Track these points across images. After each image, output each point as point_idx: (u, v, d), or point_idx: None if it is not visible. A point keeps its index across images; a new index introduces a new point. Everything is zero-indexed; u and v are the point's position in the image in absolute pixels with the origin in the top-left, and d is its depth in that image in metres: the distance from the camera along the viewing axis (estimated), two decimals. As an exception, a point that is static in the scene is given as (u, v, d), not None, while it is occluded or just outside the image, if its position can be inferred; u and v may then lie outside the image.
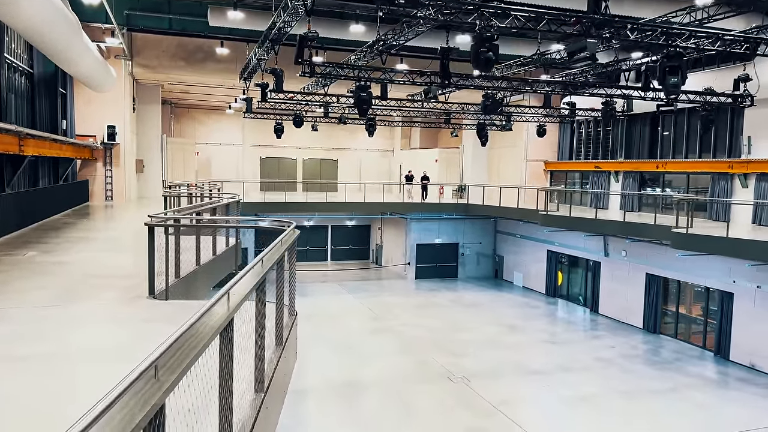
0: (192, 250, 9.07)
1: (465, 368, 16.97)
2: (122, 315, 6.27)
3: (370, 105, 12.65)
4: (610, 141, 26.59)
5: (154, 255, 6.99)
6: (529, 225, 27.88)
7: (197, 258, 9.30)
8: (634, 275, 22.48)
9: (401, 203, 28.93)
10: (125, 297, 6.93)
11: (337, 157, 40.06)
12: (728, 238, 15.49)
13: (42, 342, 5.28)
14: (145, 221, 6.92)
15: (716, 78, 18.84)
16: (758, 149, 19.07)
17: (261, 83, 16.67)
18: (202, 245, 9.46)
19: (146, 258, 10.15)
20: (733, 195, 19.71)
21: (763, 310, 17.26)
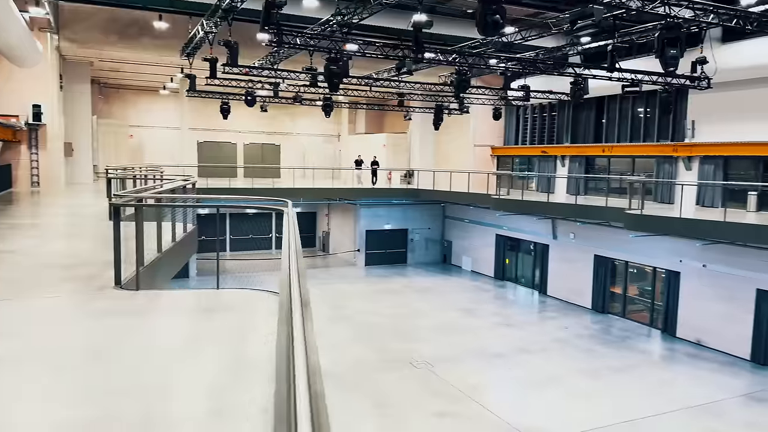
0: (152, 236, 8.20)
1: (426, 354, 16.72)
2: (91, 308, 5.41)
3: (341, 79, 11.96)
4: (556, 126, 27.03)
5: (120, 240, 6.13)
6: (478, 210, 28.03)
7: (159, 245, 8.43)
8: (582, 257, 22.98)
9: (351, 189, 28.35)
10: (88, 288, 6.03)
11: (279, 142, 38.80)
12: (681, 218, 15.97)
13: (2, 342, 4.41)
14: (112, 201, 6.04)
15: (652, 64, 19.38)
16: (701, 133, 19.80)
17: (210, 58, 15.54)
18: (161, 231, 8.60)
19: (100, 244, 9.15)
20: (678, 177, 20.41)
21: (709, 288, 17.99)
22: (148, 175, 15.52)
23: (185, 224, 10.92)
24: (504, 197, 23.02)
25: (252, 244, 33.63)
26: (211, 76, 16.08)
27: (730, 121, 18.70)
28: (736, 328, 17.03)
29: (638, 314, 21.14)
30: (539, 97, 21.80)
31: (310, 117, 39.26)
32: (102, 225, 11.26)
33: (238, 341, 4.70)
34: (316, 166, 32.45)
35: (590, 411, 13.32)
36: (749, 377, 15.80)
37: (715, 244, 17.16)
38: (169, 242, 9.27)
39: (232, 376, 3.93)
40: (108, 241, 8.98)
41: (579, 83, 15.32)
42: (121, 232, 6.08)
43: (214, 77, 16.20)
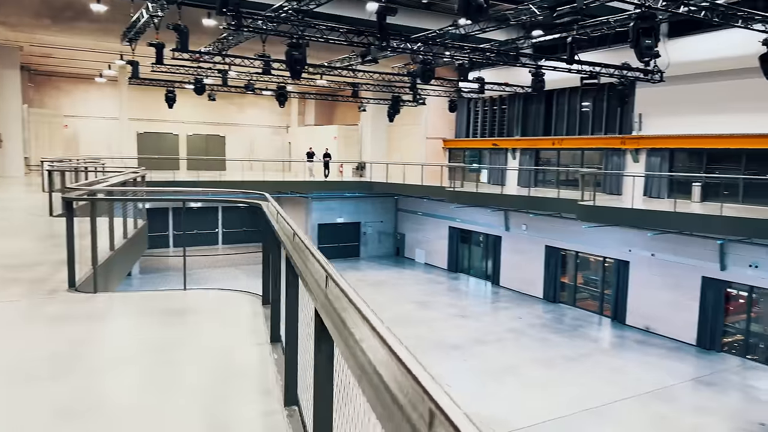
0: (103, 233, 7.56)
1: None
2: (44, 314, 4.83)
3: (303, 65, 11.42)
4: (507, 119, 27.32)
5: (74, 237, 5.53)
6: (432, 202, 28.05)
7: (111, 242, 7.80)
8: (534, 248, 23.34)
9: (303, 182, 27.71)
10: (38, 291, 5.41)
11: (224, 133, 37.57)
12: (633, 209, 16.39)
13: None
14: (65, 195, 5.44)
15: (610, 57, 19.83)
16: (648, 126, 20.41)
17: (156, 43, 14.63)
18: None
19: (42, 242, 8.39)
20: (625, 169, 20.97)
21: (657, 276, 18.60)
22: (89, 167, 14.51)
23: (135, 219, 10.23)
24: (459, 189, 23.06)
25: (198, 240, 32.49)
26: (157, 63, 15.16)
27: (676, 114, 19.33)
28: (683, 315, 17.69)
29: (589, 303, 21.68)
30: (495, 89, 21.86)
31: (257, 107, 38.26)
32: (40, 221, 10.42)
33: (220, 347, 4.27)
34: (265, 158, 31.65)
35: (547, 400, 13.47)
36: (696, 362, 16.44)
37: (663, 234, 17.74)
38: (121, 239, 8.63)
39: (219, 388, 3.52)
40: (51, 239, 8.26)
41: (540, 74, 15.39)
42: (74, 227, 5.48)
43: (160, 63, 15.29)
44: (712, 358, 16.71)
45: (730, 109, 17.61)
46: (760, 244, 15.61)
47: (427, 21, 20.50)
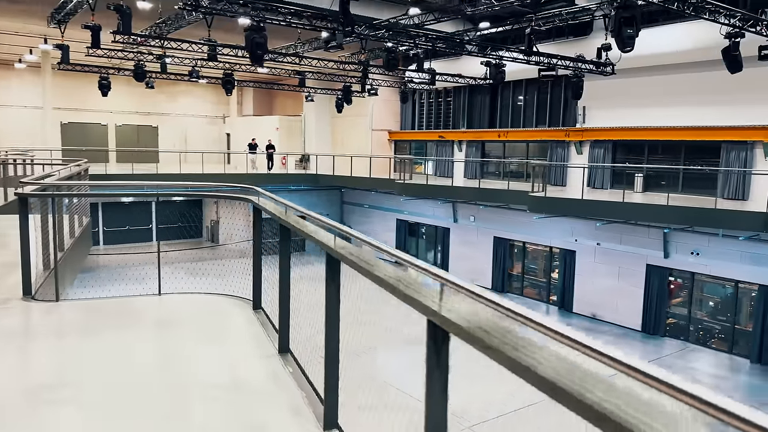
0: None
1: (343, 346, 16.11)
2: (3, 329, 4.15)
3: (266, 50, 10.71)
4: (452, 111, 27.42)
5: (29, 238, 4.83)
6: (379, 195, 27.78)
7: (60, 242, 7.00)
8: (482, 239, 23.57)
9: (245, 174, 26.66)
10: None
11: (157, 123, 35.72)
12: (583, 200, 16.76)
13: None
14: (17, 191, 4.72)
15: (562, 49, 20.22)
16: (592, 118, 20.96)
17: (92, 25, 13.41)
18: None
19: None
20: (569, 161, 21.50)
21: (603, 264, 19.18)
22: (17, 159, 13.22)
23: (81, 216, 9.34)
24: (410, 182, 22.90)
25: (129, 237, 30.83)
26: (93, 47, 13.92)
27: (618, 107, 19.93)
28: (628, 302, 18.33)
29: (536, 292, 22.14)
30: (448, 80, 21.67)
31: (191, 96, 36.57)
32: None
33: (223, 362, 3.78)
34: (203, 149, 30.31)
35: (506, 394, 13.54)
36: (642, 347, 17.07)
37: (609, 224, 18.28)
38: (68, 239, 7.80)
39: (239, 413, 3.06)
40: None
41: (501, 66, 15.37)
42: (28, 228, 4.77)
43: (97, 47, 14.06)
44: (657, 342, 17.42)
45: (670, 103, 18.32)
46: (701, 233, 16.36)
47: (376, 11, 20.15)
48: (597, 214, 17.38)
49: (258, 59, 10.51)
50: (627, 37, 8.05)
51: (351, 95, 21.33)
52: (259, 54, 10.31)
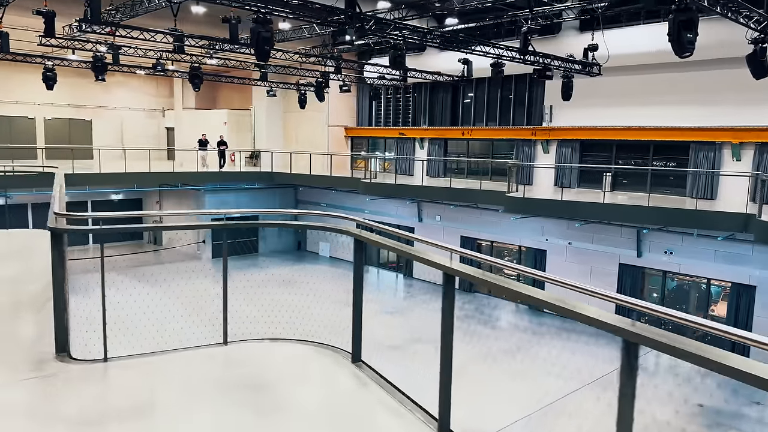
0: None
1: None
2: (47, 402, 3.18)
3: (272, 46, 9.59)
4: (412, 108, 26.94)
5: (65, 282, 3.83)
6: (337, 193, 26.93)
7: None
8: (448, 239, 23.24)
9: (195, 173, 25.07)
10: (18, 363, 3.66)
11: (90, 117, 33.07)
12: (563, 201, 16.71)
13: None
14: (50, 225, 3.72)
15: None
16: (558, 117, 21.06)
17: (46, 11, 11.74)
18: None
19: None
20: (536, 160, 21.54)
21: (574, 264, 19.30)
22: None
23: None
24: (376, 181, 22.21)
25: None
26: (47, 35, 12.22)
27: (586, 107, 20.07)
28: (600, 301, 18.49)
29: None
30: (417, 77, 20.99)
31: (127, 88, 34.10)
32: None
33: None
34: (145, 146, 28.35)
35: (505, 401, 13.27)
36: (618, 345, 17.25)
37: (583, 224, 18.39)
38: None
39: None
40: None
41: (501, 65, 14.93)
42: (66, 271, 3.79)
43: (51, 36, 12.36)
44: (631, 340, 17.70)
45: (639, 103, 18.61)
46: (676, 232, 16.70)
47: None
48: (575, 215, 17.41)
49: (264, 55, 9.43)
50: (687, 42, 7.74)
51: (323, 91, 20.29)
52: (265, 50, 9.23)
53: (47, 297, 4.14)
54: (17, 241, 9.35)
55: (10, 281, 6.54)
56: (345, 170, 26.55)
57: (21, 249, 8.62)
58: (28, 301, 5.69)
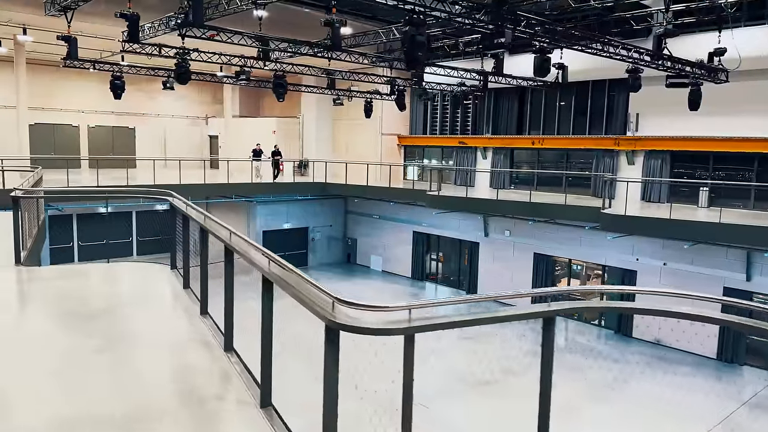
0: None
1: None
2: None
3: (426, 51, 8.28)
4: (472, 115, 25.57)
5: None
6: (390, 205, 25.65)
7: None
8: (520, 256, 21.75)
9: (249, 184, 23.92)
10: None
11: (134, 125, 32.25)
12: (671, 219, 15.21)
13: None
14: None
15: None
16: (645, 126, 19.51)
17: (129, 13, 10.62)
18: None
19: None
20: (619, 172, 19.98)
21: (669, 286, 17.69)
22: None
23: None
24: (443, 194, 20.84)
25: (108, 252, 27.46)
26: (131, 40, 11.09)
27: (677, 114, 18.46)
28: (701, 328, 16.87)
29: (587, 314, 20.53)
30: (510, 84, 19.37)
31: (170, 95, 33.07)
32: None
33: None
34: (175, 155, 27.26)
35: None
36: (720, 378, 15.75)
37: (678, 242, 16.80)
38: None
39: None
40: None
41: (637, 71, 13.30)
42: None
43: (135, 41, 11.23)
44: (735, 372, 16.13)
45: (742, 112, 17.00)
46: None
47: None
48: (684, 235, 15.81)
49: (417, 62, 8.19)
50: None
51: (404, 99, 18.92)
52: (418, 56, 7.92)
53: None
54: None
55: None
56: (397, 181, 25.21)
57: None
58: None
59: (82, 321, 5.39)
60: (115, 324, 5.62)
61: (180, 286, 7.06)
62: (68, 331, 5.14)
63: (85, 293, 6.46)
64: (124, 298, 6.59)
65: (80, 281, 7.02)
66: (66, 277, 7.04)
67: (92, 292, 6.56)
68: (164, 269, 8.00)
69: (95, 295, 6.48)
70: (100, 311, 5.72)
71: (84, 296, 6.34)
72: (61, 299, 6.05)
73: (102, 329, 5.28)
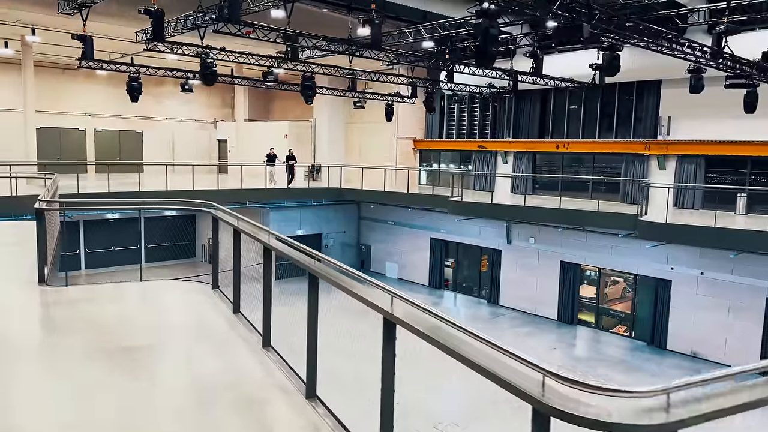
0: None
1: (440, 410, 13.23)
2: None
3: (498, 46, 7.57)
4: (491, 119, 24.84)
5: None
6: (405, 210, 24.89)
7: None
8: (545, 264, 21.00)
9: (263, 189, 23.17)
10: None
11: (141, 129, 31.54)
12: (715, 228, 14.47)
13: None
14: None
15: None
16: (677, 130, 18.81)
17: (153, 9, 9.86)
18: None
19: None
20: (650, 177, 19.25)
21: (707, 297, 16.96)
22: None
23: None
24: (468, 201, 20.10)
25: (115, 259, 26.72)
26: (155, 39, 10.34)
27: (711, 117, 17.81)
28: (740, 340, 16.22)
29: (615, 324, 19.80)
30: (546, 84, 18.51)
31: (179, 98, 32.36)
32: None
33: None
34: (183, 160, 26.51)
35: None
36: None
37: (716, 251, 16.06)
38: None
39: None
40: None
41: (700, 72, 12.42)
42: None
43: (159, 39, 10.48)
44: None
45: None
46: None
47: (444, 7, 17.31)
48: (730, 244, 15.04)
49: (490, 58, 7.47)
50: None
51: (433, 100, 18.16)
52: (492, 51, 7.19)
53: None
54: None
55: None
56: (412, 186, 24.39)
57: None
58: None
59: (124, 358, 4.65)
60: (164, 360, 4.88)
61: (228, 310, 6.35)
62: (111, 372, 4.38)
63: (122, 322, 5.71)
64: (168, 328, 5.83)
65: (114, 306, 6.27)
66: (97, 301, 6.29)
67: (131, 321, 5.80)
68: (204, 289, 7.28)
69: (135, 324, 5.72)
70: (143, 346, 4.98)
71: (122, 326, 5.59)
72: (97, 330, 5.31)
73: (148, 368, 4.54)
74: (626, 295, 19.69)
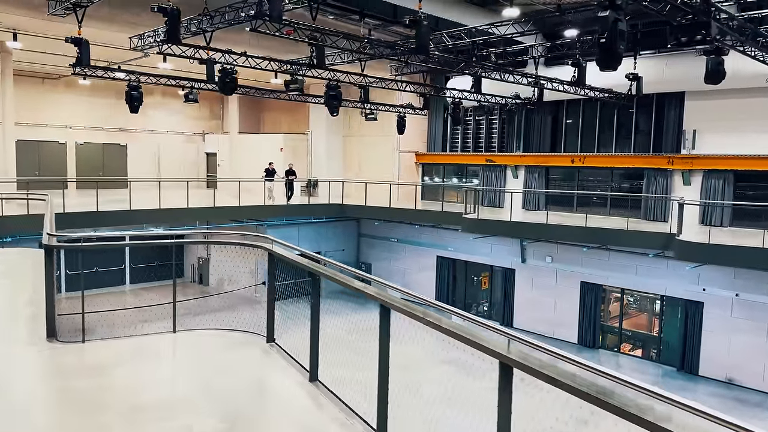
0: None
1: None
2: None
3: (624, 41, 6.34)
4: (498, 132, 23.92)
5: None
6: (409, 228, 23.75)
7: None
8: (564, 284, 19.96)
9: (262, 206, 21.77)
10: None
11: (125, 142, 29.84)
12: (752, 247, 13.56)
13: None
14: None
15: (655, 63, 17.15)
16: (702, 144, 18.03)
17: (169, 7, 8.55)
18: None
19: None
20: (674, 192, 18.40)
21: (743, 320, 16.04)
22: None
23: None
24: (484, 218, 18.98)
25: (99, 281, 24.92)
26: (170, 41, 8.99)
27: (740, 131, 17.08)
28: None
29: (640, 348, 18.80)
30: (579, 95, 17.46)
31: (165, 109, 30.93)
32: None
33: None
34: (170, 175, 24.98)
35: None
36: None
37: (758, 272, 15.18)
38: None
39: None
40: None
41: (721, 70, 11.23)
42: None
43: (175, 42, 9.12)
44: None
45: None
46: None
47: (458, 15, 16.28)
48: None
49: (617, 58, 6.34)
50: None
51: (459, 112, 16.99)
52: (619, 50, 6.06)
53: None
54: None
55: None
56: (412, 201, 23.29)
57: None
58: None
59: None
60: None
61: (304, 379, 5.03)
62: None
63: (162, 395, 4.35)
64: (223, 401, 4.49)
65: (146, 369, 4.90)
66: (124, 362, 4.92)
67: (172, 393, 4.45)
68: (258, 342, 5.98)
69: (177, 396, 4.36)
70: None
71: (164, 400, 4.23)
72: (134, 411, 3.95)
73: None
74: (629, 312, 18.99)
